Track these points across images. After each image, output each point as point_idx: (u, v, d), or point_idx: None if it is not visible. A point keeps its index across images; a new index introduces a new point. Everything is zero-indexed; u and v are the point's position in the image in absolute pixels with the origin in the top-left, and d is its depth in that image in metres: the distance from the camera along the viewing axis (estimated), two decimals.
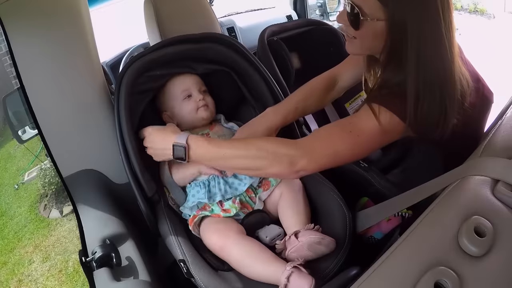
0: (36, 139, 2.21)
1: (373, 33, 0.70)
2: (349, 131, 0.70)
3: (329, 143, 0.70)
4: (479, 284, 0.42)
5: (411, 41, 0.65)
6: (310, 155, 0.69)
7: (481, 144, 0.60)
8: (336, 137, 0.70)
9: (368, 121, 0.68)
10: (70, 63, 0.89)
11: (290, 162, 0.69)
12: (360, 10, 0.68)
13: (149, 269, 0.74)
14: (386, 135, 0.70)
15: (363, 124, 0.69)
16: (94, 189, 0.91)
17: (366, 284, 0.45)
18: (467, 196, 0.51)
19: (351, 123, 0.71)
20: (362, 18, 0.68)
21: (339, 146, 0.70)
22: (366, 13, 0.68)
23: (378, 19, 0.67)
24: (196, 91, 0.96)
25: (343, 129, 0.71)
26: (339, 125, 0.74)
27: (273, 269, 0.69)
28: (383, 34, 0.68)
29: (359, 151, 0.71)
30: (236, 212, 0.83)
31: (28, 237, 2.41)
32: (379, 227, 0.81)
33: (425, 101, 0.66)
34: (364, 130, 0.69)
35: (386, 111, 0.68)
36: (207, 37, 0.99)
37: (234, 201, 0.84)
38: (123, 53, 1.74)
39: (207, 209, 0.84)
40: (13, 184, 2.94)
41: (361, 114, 0.71)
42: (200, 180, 0.87)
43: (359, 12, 0.68)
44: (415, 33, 0.65)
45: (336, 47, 1.38)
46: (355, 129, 0.69)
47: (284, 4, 2.25)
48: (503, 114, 0.70)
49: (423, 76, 0.66)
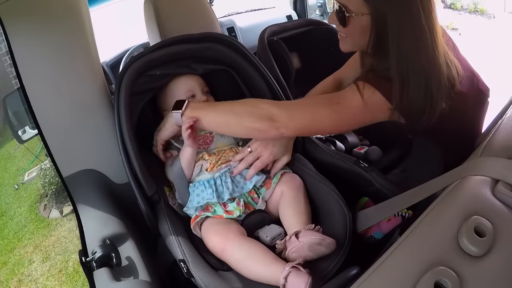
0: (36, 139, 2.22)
1: (360, 28, 0.75)
2: (332, 102, 0.76)
3: (311, 108, 0.77)
4: (479, 284, 0.42)
5: (391, 33, 0.71)
6: (291, 114, 0.77)
7: (481, 144, 0.60)
8: (319, 105, 0.77)
9: (352, 95, 0.74)
10: (70, 63, 0.89)
11: (270, 118, 0.76)
12: (346, 8, 0.75)
13: (149, 269, 0.74)
14: (369, 112, 0.75)
15: (347, 97, 0.75)
16: (94, 189, 0.91)
17: (366, 284, 0.45)
18: (467, 196, 0.51)
19: (336, 95, 0.78)
20: (347, 15, 0.75)
21: (320, 113, 0.76)
22: (351, 10, 0.74)
23: (362, 13, 0.73)
24: (199, 92, 0.96)
25: (327, 99, 0.78)
26: (323, 96, 0.81)
27: (273, 270, 0.69)
28: (368, 28, 0.74)
29: (340, 122, 0.77)
30: (240, 214, 0.83)
31: (28, 237, 2.41)
32: (379, 227, 0.81)
33: (410, 87, 0.71)
34: (347, 103, 0.75)
35: (370, 87, 0.73)
36: (207, 37, 0.99)
37: (238, 203, 0.84)
38: (123, 53, 1.74)
39: (210, 210, 0.84)
40: (13, 184, 2.94)
41: (347, 90, 0.77)
42: (203, 179, 0.87)
43: (345, 10, 0.75)
44: (395, 25, 0.70)
45: (336, 47, 1.36)
46: (339, 100, 0.76)
47: (284, 4, 2.25)
48: (503, 114, 0.70)
49: (405, 65, 0.71)
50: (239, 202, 0.84)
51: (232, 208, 0.83)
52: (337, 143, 1.25)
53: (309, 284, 0.64)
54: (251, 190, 0.87)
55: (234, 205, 0.84)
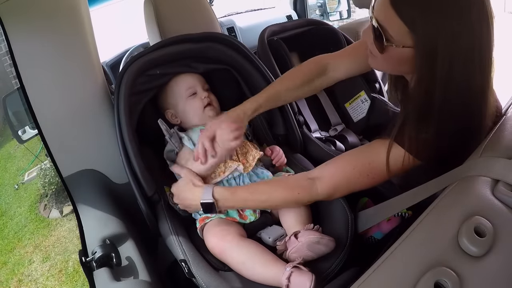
0: (36, 139, 2.21)
1: (398, 59, 0.63)
2: (366, 174, 0.71)
3: (346, 187, 0.74)
4: (479, 284, 0.42)
5: (440, 73, 0.58)
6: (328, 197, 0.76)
7: (481, 144, 0.60)
8: (354, 181, 0.73)
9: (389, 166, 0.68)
10: (70, 63, 0.89)
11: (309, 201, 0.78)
12: (385, 32, 0.61)
13: (149, 269, 0.74)
14: (403, 172, 0.70)
15: (381, 166, 0.69)
16: (94, 189, 0.91)
17: (366, 284, 0.45)
18: (467, 196, 0.51)
19: (371, 166, 0.71)
20: (386, 44, 0.62)
21: (355, 187, 0.74)
22: (392, 37, 0.61)
23: (405, 45, 0.60)
24: (200, 89, 0.96)
25: (362, 173, 0.71)
26: (357, 168, 0.72)
27: (274, 271, 0.69)
28: (410, 61, 0.61)
29: (372, 186, 0.73)
30: (253, 220, 0.84)
31: (28, 237, 2.41)
32: (379, 227, 0.81)
33: (447, 143, 0.64)
34: (382, 172, 0.69)
35: (409, 157, 0.66)
36: (207, 36, 0.99)
37: (254, 210, 0.84)
38: (123, 53, 1.74)
39: (222, 212, 0.84)
40: (13, 184, 2.94)
41: (381, 156, 0.68)
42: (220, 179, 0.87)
43: (384, 36, 0.61)
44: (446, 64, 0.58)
45: (336, 47, 1.37)
46: (373, 172, 0.70)
47: (284, 4, 2.25)
48: (503, 114, 0.70)
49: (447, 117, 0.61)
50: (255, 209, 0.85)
51: (248, 214, 0.84)
52: (337, 143, 1.25)
53: (313, 282, 0.64)
54: None
55: (250, 211, 0.84)
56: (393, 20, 0.59)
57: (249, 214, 0.84)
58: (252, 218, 0.83)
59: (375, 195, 0.87)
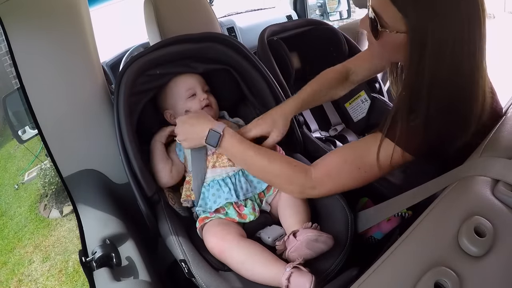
0: (36, 139, 2.21)
1: (393, 45, 0.66)
2: (358, 167, 0.73)
3: (338, 179, 0.75)
4: (479, 284, 0.42)
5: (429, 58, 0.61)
6: (319, 188, 0.77)
7: (481, 144, 0.60)
8: (345, 174, 0.75)
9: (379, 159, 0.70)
10: (70, 63, 0.89)
11: (300, 191, 0.79)
12: (380, 19, 0.65)
13: (149, 269, 0.74)
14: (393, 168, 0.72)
15: (372, 160, 0.71)
16: (94, 189, 0.91)
17: (366, 284, 0.45)
18: (467, 196, 0.51)
19: (362, 160, 0.72)
20: (381, 30, 0.65)
21: (347, 181, 0.75)
22: (386, 23, 0.64)
23: (398, 31, 0.63)
24: (200, 90, 0.96)
25: (353, 165, 0.73)
26: (348, 161, 0.74)
27: (274, 271, 0.69)
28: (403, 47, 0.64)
29: (364, 182, 0.75)
30: (253, 219, 0.83)
31: (28, 237, 2.41)
32: (379, 227, 0.81)
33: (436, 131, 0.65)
34: (373, 167, 0.71)
35: (399, 150, 0.68)
36: (208, 36, 0.99)
37: (254, 209, 0.84)
38: (123, 53, 1.74)
39: (221, 212, 0.84)
40: (13, 184, 2.94)
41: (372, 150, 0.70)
42: (217, 178, 0.87)
43: (378, 22, 0.65)
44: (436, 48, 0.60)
45: (336, 47, 1.38)
46: (364, 165, 0.72)
47: (284, 4, 2.25)
48: (504, 114, 0.70)
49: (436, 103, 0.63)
50: (254, 207, 0.85)
51: (248, 213, 0.83)
52: (337, 143, 1.25)
53: (313, 283, 0.64)
54: (261, 193, 0.88)
55: (250, 210, 0.84)
56: (387, 6, 0.63)
57: (249, 213, 0.83)
58: (252, 217, 0.83)
59: (375, 195, 0.87)
